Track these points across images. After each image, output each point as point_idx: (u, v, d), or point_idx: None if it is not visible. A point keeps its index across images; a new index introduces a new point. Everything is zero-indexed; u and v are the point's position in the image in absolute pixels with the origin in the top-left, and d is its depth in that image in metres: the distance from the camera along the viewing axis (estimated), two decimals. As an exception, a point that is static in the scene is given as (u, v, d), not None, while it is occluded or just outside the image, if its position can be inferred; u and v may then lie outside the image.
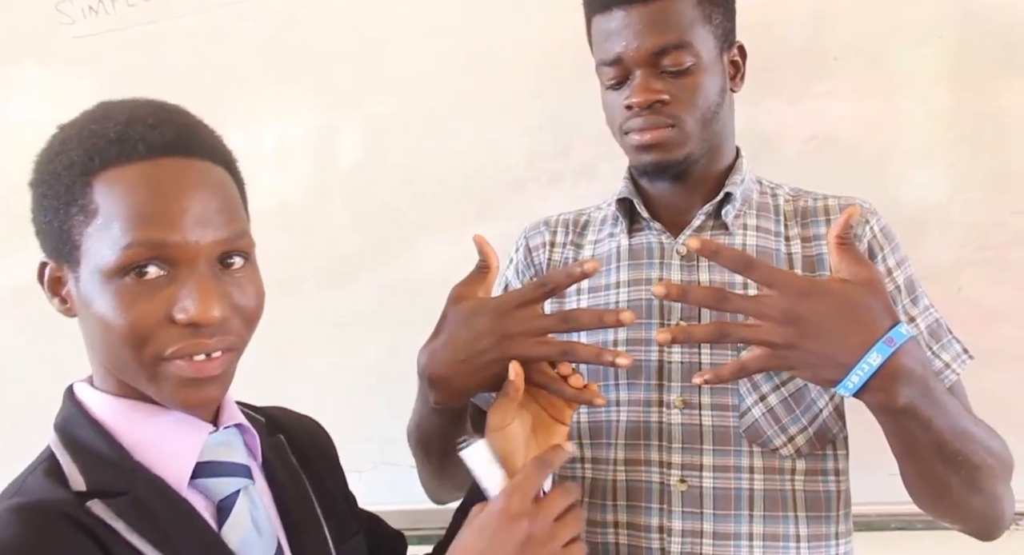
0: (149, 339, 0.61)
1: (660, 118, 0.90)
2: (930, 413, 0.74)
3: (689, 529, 0.90)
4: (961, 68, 1.21)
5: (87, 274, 0.62)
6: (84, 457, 0.63)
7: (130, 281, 0.60)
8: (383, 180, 1.34)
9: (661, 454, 0.92)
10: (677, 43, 0.89)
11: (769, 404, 0.90)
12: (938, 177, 1.22)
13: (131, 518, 0.61)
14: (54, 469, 0.63)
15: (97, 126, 0.63)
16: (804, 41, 1.24)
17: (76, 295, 0.64)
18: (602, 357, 0.78)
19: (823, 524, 0.91)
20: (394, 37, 1.32)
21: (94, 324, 0.63)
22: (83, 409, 0.67)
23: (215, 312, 0.61)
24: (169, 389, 0.63)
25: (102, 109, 0.66)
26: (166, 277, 0.61)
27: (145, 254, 0.60)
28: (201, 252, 0.62)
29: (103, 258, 0.60)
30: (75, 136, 0.63)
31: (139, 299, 0.60)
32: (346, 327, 1.35)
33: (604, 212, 1.06)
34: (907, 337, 0.72)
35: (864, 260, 0.75)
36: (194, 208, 0.62)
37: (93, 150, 0.62)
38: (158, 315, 0.61)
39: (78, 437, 0.65)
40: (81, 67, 1.32)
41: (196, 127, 0.67)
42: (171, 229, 0.61)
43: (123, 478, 0.63)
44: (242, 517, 0.67)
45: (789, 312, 0.72)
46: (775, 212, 0.98)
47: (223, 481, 0.68)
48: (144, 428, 0.65)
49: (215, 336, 0.63)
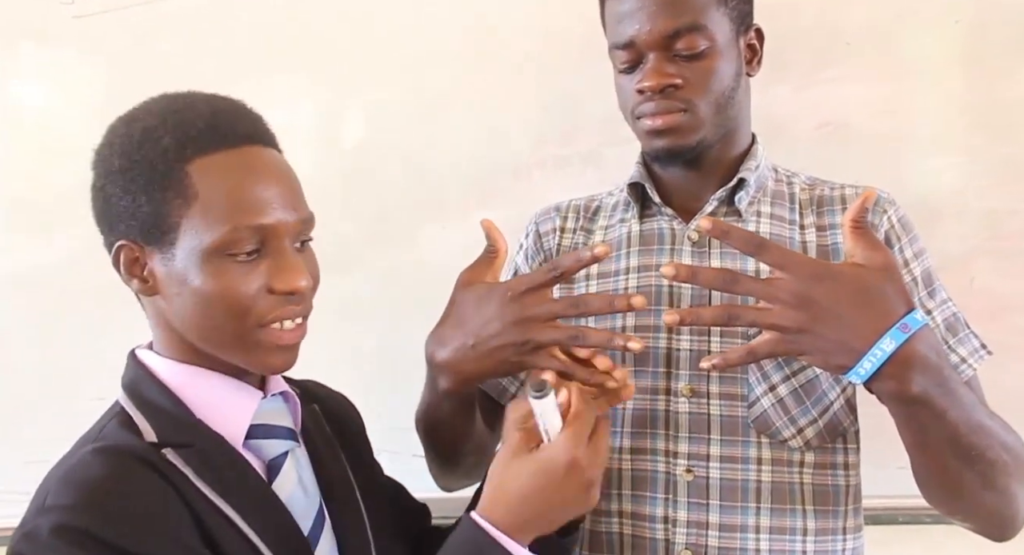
0: (251, 309, 0.69)
1: (673, 103, 0.88)
2: (944, 404, 0.72)
3: (694, 520, 0.89)
4: (977, 53, 1.18)
5: (184, 253, 0.68)
6: (153, 413, 0.70)
7: (230, 258, 0.68)
8: (384, 166, 1.32)
9: (667, 443, 0.91)
10: (691, 26, 0.87)
11: (779, 394, 0.88)
12: (952, 165, 1.20)
13: (198, 467, 0.68)
14: (127, 421, 0.70)
15: (180, 116, 0.69)
16: (815, 25, 1.22)
17: (164, 274, 0.69)
18: (613, 342, 0.78)
19: (831, 518, 0.89)
20: (396, 22, 1.30)
21: (190, 300, 0.68)
22: (149, 371, 0.73)
23: (305, 282, 0.71)
24: (261, 354, 0.71)
25: (176, 101, 0.72)
26: (258, 254, 0.69)
27: (245, 236, 0.68)
28: (287, 232, 0.70)
29: (205, 238, 0.67)
30: (159, 126, 0.68)
31: (240, 274, 0.68)
32: (347, 315, 1.33)
33: (616, 198, 1.04)
34: (922, 323, 0.70)
35: (879, 244, 0.73)
36: (282, 192, 0.71)
37: (185, 138, 0.68)
38: (257, 286, 0.69)
39: (145, 395, 0.72)
40: (81, 48, 1.30)
41: (264, 121, 0.75)
42: (266, 213, 0.68)
43: (188, 433, 0.70)
44: (290, 476, 0.74)
45: (801, 295, 0.71)
46: (790, 200, 0.96)
47: (273, 443, 0.75)
48: (205, 391, 0.73)
49: (301, 303, 0.72)
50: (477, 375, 0.82)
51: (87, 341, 1.27)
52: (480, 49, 1.30)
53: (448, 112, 1.30)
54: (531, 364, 0.80)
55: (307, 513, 0.74)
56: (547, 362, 0.79)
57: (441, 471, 1.01)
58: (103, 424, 0.71)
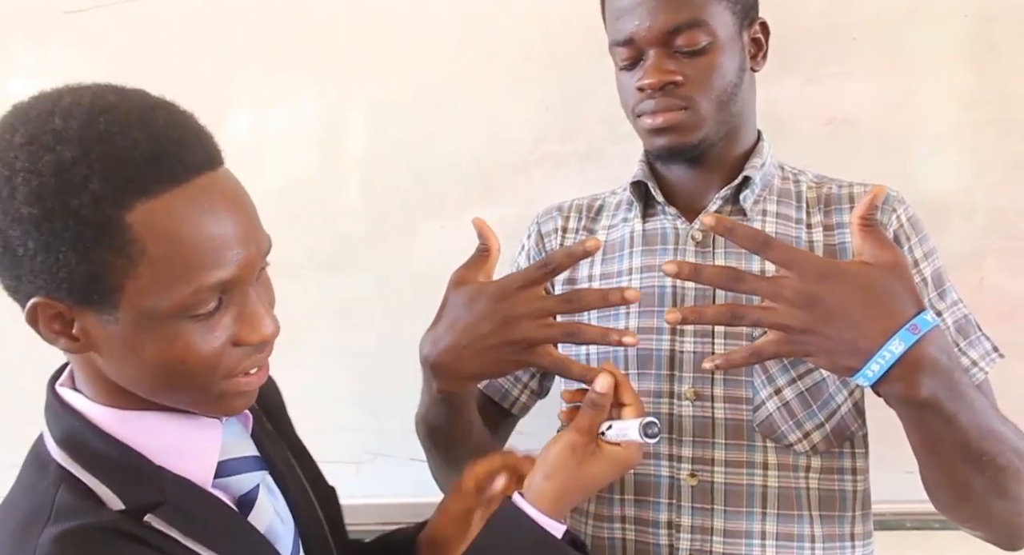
0: (217, 366, 0.60)
1: (673, 100, 0.86)
2: (954, 408, 0.70)
3: (699, 525, 0.87)
4: (986, 48, 1.16)
5: (132, 316, 0.56)
6: (105, 472, 0.60)
7: (192, 318, 0.57)
8: (384, 164, 1.30)
9: (671, 447, 0.89)
10: (691, 22, 0.85)
11: (784, 398, 0.86)
12: (961, 162, 1.18)
13: (182, 525, 0.60)
14: (78, 487, 0.59)
15: (111, 151, 0.53)
16: (821, 20, 1.20)
17: (103, 335, 0.58)
18: (608, 337, 0.76)
19: (837, 524, 0.87)
20: (395, 20, 1.28)
21: (139, 363, 0.58)
22: (87, 421, 0.62)
23: (273, 328, 0.62)
24: (225, 403, 0.63)
25: (97, 125, 0.54)
26: (219, 304, 0.59)
27: (210, 296, 0.58)
28: (250, 274, 0.61)
29: (160, 302, 0.56)
30: (79, 159, 0.53)
31: (202, 333, 0.58)
32: (345, 313, 1.31)
33: (619, 197, 1.03)
34: (932, 325, 0.68)
35: (888, 242, 0.71)
36: (240, 225, 0.59)
37: (122, 180, 0.53)
38: (222, 341, 0.60)
39: (92, 450, 0.61)
40: (74, 43, 1.28)
41: (205, 131, 0.61)
42: (228, 262, 0.58)
43: (154, 487, 0.60)
44: (265, 508, 0.68)
45: (806, 294, 0.68)
46: (797, 199, 0.94)
47: (242, 478, 0.67)
48: (159, 436, 0.63)
49: (266, 349, 0.64)
50: (472, 375, 0.80)
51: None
52: (480, 47, 1.27)
53: (448, 110, 1.28)
54: (526, 362, 0.79)
55: (287, 542, 0.69)
56: (541, 360, 0.78)
57: (442, 473, 0.99)
58: (47, 494, 0.58)
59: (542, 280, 0.78)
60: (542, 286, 0.78)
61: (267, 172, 1.32)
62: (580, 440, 0.75)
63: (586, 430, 0.75)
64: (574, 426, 0.76)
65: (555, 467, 0.74)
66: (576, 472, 0.74)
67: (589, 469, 0.75)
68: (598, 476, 0.75)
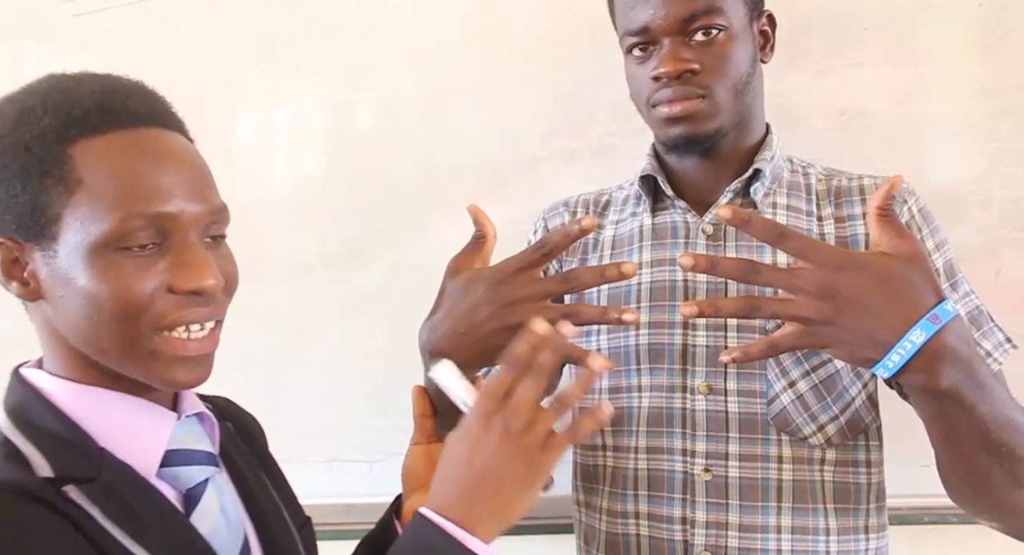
0: (147, 309, 0.60)
1: (690, 88, 0.86)
2: (974, 398, 0.69)
3: (714, 520, 0.87)
4: (1001, 37, 1.15)
5: (68, 249, 0.59)
6: (45, 442, 0.60)
7: (123, 253, 0.59)
8: (392, 161, 1.30)
9: (685, 442, 0.89)
10: (706, 9, 0.84)
11: (799, 391, 0.86)
12: (976, 152, 1.17)
13: (105, 504, 0.58)
14: (12, 453, 0.59)
15: (65, 95, 0.60)
16: (831, 10, 1.19)
17: (47, 274, 0.60)
18: (607, 315, 0.75)
19: (851, 517, 0.87)
20: (403, 15, 1.28)
21: (76, 302, 0.59)
22: (39, 394, 0.63)
23: (214, 280, 0.61)
24: (161, 367, 0.61)
25: (62, 81, 0.62)
26: (158, 249, 0.60)
27: (140, 225, 0.59)
28: (192, 223, 0.61)
29: (92, 230, 0.58)
30: (38, 106, 0.59)
31: (135, 270, 0.59)
32: (355, 311, 1.31)
33: (627, 191, 1.02)
34: (953, 314, 0.67)
35: (906, 232, 0.70)
36: (184, 179, 0.61)
37: (69, 119, 0.59)
38: (155, 285, 0.60)
39: (36, 422, 0.61)
40: (82, 46, 1.28)
41: (166, 102, 0.66)
42: (165, 200, 0.59)
43: (90, 464, 0.60)
44: (211, 506, 0.66)
45: (825, 285, 0.68)
46: (807, 191, 0.93)
47: (191, 470, 0.66)
48: (108, 415, 0.63)
49: (209, 305, 0.63)
50: (472, 362, 0.78)
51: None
52: (487, 43, 1.27)
53: (456, 107, 1.28)
54: None
55: (231, 546, 0.66)
56: None
57: None
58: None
59: (539, 263, 0.77)
60: (539, 269, 0.77)
61: (276, 171, 1.32)
62: (474, 424, 0.64)
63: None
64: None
65: (448, 462, 0.64)
66: (446, 449, 0.64)
67: (446, 450, 0.64)
68: (447, 456, 0.63)
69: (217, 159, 0.68)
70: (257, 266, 1.29)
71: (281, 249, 1.31)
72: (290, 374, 1.31)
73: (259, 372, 1.28)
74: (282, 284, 1.30)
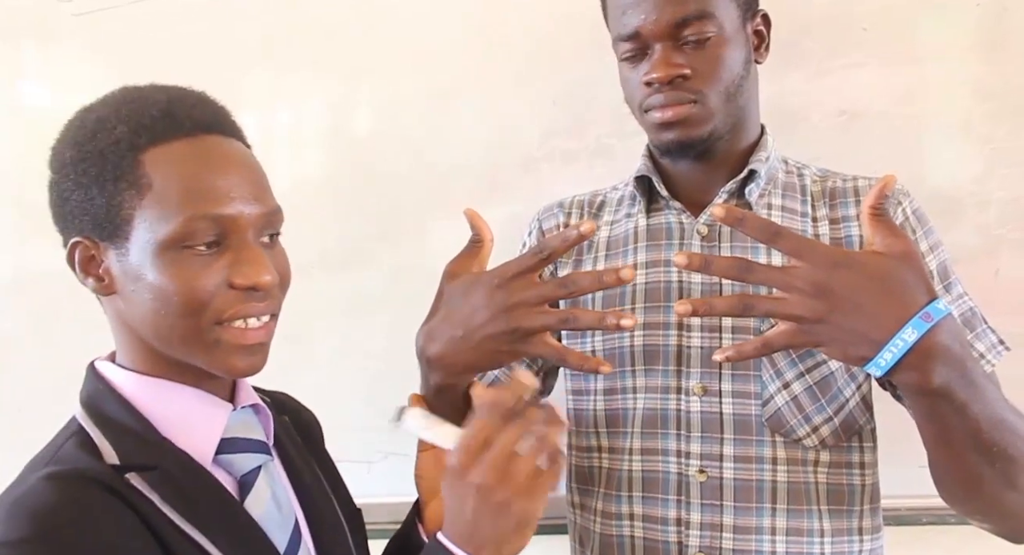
0: (209, 304, 0.65)
1: (682, 93, 0.86)
2: (966, 397, 0.69)
3: (708, 522, 0.87)
4: (999, 37, 1.14)
5: (139, 247, 0.64)
6: (113, 431, 0.65)
7: (187, 251, 0.64)
8: (391, 162, 1.31)
9: (679, 443, 0.89)
10: (698, 13, 0.84)
11: (793, 392, 0.86)
12: (975, 153, 1.16)
13: (164, 491, 0.63)
14: (86, 442, 0.65)
15: (135, 105, 0.66)
16: (829, 11, 1.18)
17: (119, 271, 0.66)
18: (605, 320, 0.74)
19: (845, 518, 0.87)
20: (402, 16, 1.28)
21: (145, 296, 0.65)
22: (109, 385, 0.69)
23: (269, 277, 0.66)
24: (222, 355, 0.66)
25: (132, 92, 0.68)
26: (219, 247, 0.65)
27: (203, 226, 0.64)
28: (250, 224, 0.66)
29: (160, 230, 0.63)
30: (112, 116, 0.65)
31: (198, 267, 0.64)
32: (355, 312, 1.32)
33: (621, 192, 1.02)
34: (945, 313, 0.67)
35: (899, 231, 0.70)
36: (243, 183, 0.67)
37: (139, 127, 0.65)
38: (216, 281, 0.65)
39: (106, 412, 0.67)
40: (83, 46, 1.29)
41: (227, 110, 0.72)
42: (224, 203, 0.65)
43: (153, 452, 0.65)
44: (263, 492, 0.70)
45: (818, 284, 0.68)
46: (802, 192, 0.93)
47: (245, 457, 0.70)
48: (170, 405, 0.68)
49: (265, 300, 0.68)
50: (469, 367, 0.79)
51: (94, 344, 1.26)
52: (486, 44, 1.27)
53: (455, 107, 1.28)
54: (523, 352, 0.77)
55: (282, 531, 0.70)
56: (538, 349, 0.76)
57: None
58: (58, 445, 0.66)
59: (537, 267, 0.76)
60: (537, 273, 0.77)
61: (276, 172, 1.32)
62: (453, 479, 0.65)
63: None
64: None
65: (446, 505, 0.65)
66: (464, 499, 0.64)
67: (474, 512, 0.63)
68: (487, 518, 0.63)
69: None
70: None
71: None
72: (290, 374, 1.31)
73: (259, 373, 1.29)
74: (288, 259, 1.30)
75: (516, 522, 0.63)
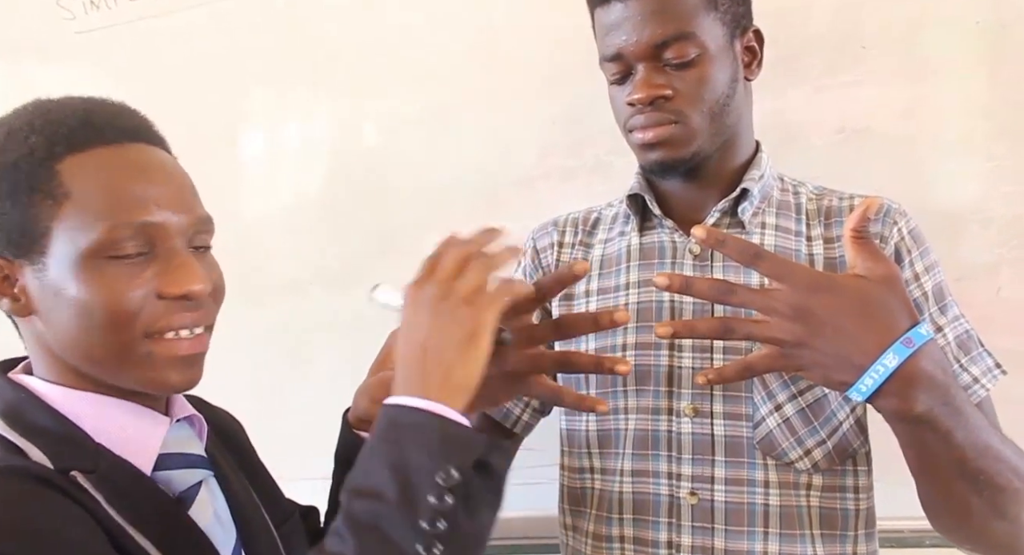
0: (137, 316, 0.61)
1: (663, 115, 0.86)
2: (950, 424, 0.68)
3: (699, 545, 0.85)
4: (1000, 55, 1.13)
5: (58, 261, 0.61)
6: (42, 439, 0.61)
7: (111, 262, 0.61)
8: (391, 179, 1.31)
9: (670, 465, 0.87)
10: (678, 34, 0.84)
11: (785, 414, 0.84)
12: (976, 170, 1.15)
13: (108, 493, 0.60)
14: (11, 448, 0.60)
15: (51, 116, 0.63)
16: (829, 28, 1.18)
17: (37, 288, 0.62)
18: (601, 365, 0.75)
19: (839, 543, 0.85)
20: (402, 33, 1.29)
21: (67, 313, 0.61)
22: (32, 395, 0.64)
23: (201, 285, 0.63)
24: (155, 370, 0.63)
25: (47, 103, 0.66)
26: (145, 257, 0.62)
27: (127, 234, 0.61)
28: (178, 232, 0.64)
29: (81, 241, 0.60)
30: (24, 127, 0.62)
31: (124, 278, 0.61)
32: (353, 329, 1.31)
33: (615, 209, 1.01)
34: (927, 338, 0.66)
35: (881, 255, 0.69)
36: (169, 190, 0.64)
37: (55, 136, 0.61)
38: (144, 291, 0.61)
39: (31, 420, 0.62)
40: (86, 63, 1.31)
41: (149, 120, 0.69)
42: (150, 210, 0.62)
43: (88, 458, 0.61)
44: (205, 508, 0.67)
45: (798, 307, 0.67)
46: (797, 211, 0.92)
47: (184, 473, 0.67)
48: (104, 418, 0.64)
49: (199, 310, 0.65)
50: (467, 408, 0.78)
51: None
52: (486, 62, 1.28)
53: (454, 125, 1.29)
54: (518, 393, 0.77)
55: (225, 548, 0.67)
56: (534, 391, 0.77)
57: None
58: None
59: (531, 308, 0.77)
60: (531, 314, 0.77)
61: (274, 189, 1.33)
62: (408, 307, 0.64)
63: None
64: None
65: (397, 352, 0.62)
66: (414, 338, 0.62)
67: (423, 332, 0.61)
68: (434, 334, 0.61)
69: (215, 177, 0.70)
70: (255, 284, 1.30)
71: (279, 267, 1.33)
72: (288, 391, 1.32)
73: (257, 389, 1.30)
74: (280, 302, 1.31)
75: (464, 332, 0.60)
